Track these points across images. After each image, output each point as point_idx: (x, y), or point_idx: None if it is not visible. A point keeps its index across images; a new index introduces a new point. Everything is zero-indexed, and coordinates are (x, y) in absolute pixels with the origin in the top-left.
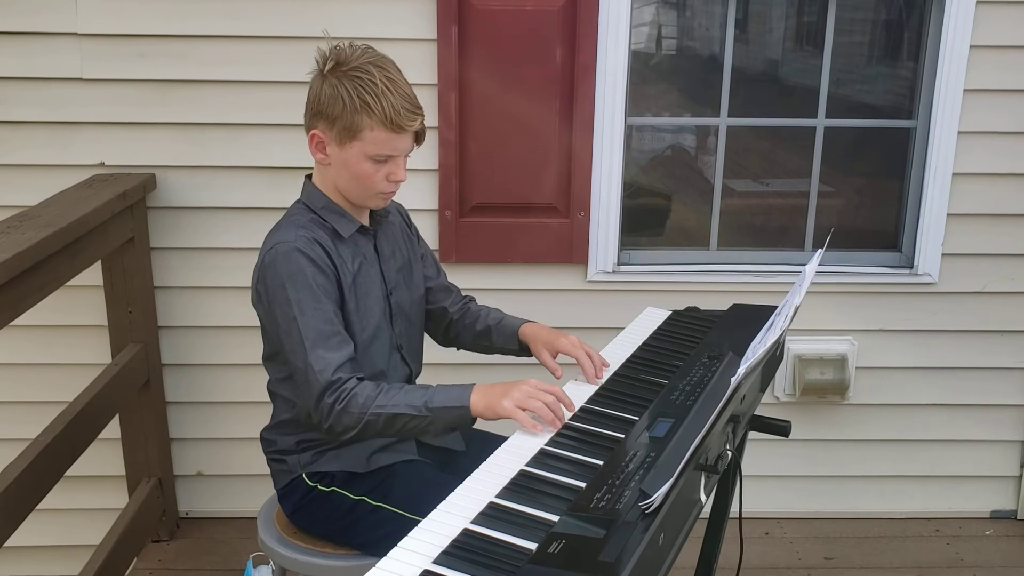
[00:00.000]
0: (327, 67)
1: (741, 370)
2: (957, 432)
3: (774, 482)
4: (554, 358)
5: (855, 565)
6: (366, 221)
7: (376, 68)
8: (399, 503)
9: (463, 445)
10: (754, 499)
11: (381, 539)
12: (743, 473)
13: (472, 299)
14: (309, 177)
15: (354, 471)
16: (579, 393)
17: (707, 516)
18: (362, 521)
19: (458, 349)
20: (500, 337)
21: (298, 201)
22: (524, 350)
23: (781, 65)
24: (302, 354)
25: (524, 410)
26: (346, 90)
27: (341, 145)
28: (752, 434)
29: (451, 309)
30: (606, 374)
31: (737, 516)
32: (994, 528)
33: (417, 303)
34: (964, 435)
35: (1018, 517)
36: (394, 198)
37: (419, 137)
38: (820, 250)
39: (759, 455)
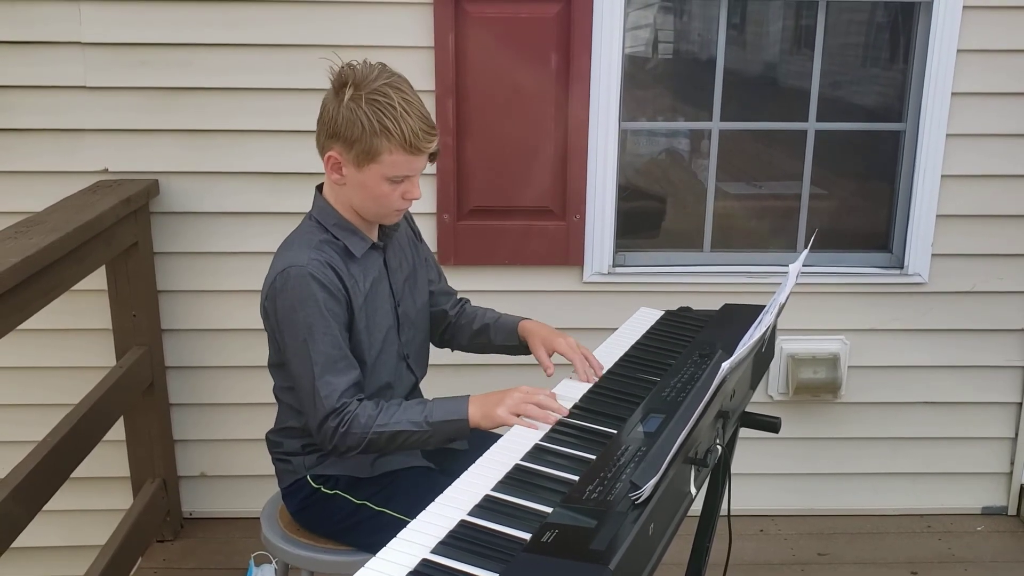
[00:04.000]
0: (344, 89)
1: (727, 363)
2: (948, 430)
3: (768, 480)
4: (550, 356)
5: (848, 561)
6: (376, 236)
7: (394, 90)
8: (401, 508)
9: (466, 445)
10: (749, 496)
11: (382, 543)
12: (736, 471)
13: (467, 300)
14: (320, 188)
15: (358, 475)
16: (574, 390)
17: (700, 513)
18: (364, 525)
19: (452, 350)
20: (499, 334)
21: (310, 216)
22: (523, 347)
23: (773, 69)
24: (309, 378)
25: (519, 415)
26: (365, 114)
27: (359, 167)
28: (747, 432)
29: (450, 312)
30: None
31: (727, 513)
32: (985, 524)
33: (422, 309)
34: (955, 432)
35: (1009, 513)
36: None
37: (433, 156)
38: (805, 250)
39: (753, 453)
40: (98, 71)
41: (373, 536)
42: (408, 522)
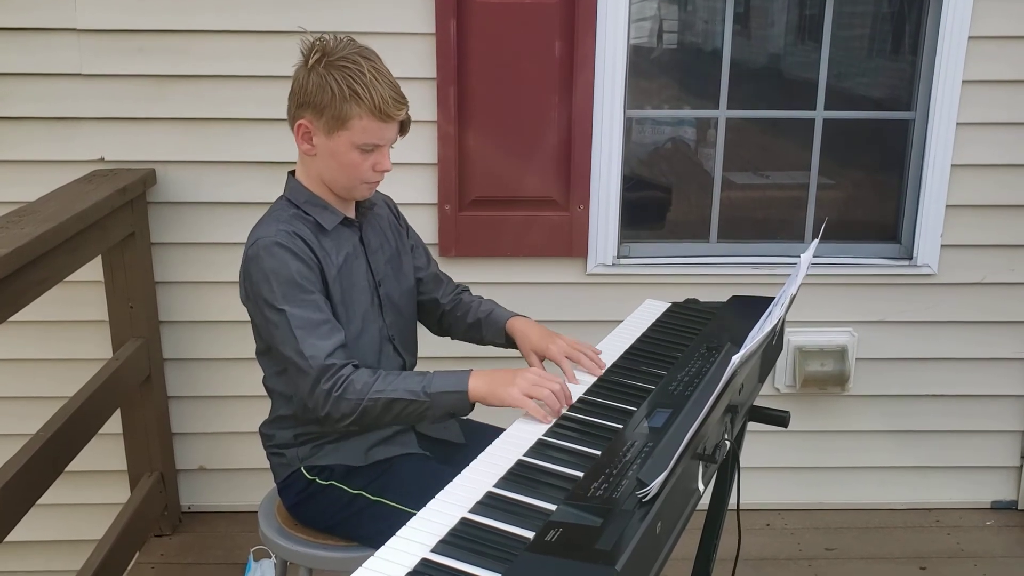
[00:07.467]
0: (313, 58)
1: (737, 357)
2: (957, 423)
3: (775, 473)
4: (542, 361)
5: (856, 556)
6: (351, 213)
7: (363, 59)
8: (397, 497)
9: (463, 438)
10: (755, 490)
11: (380, 532)
12: (743, 464)
13: (466, 289)
14: (292, 173)
15: (352, 465)
16: (578, 383)
17: (707, 507)
18: (361, 515)
19: (452, 339)
20: (489, 331)
21: (281, 197)
22: (512, 343)
23: (780, 57)
24: (293, 344)
25: (532, 398)
26: (335, 80)
27: (329, 134)
28: (753, 425)
29: (443, 300)
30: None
31: (736, 507)
32: (995, 518)
33: (407, 294)
34: (964, 426)
35: (1019, 507)
36: (389, 191)
37: (403, 127)
38: (815, 240)
39: (760, 446)
40: (93, 58)
41: (371, 526)
42: (404, 511)
